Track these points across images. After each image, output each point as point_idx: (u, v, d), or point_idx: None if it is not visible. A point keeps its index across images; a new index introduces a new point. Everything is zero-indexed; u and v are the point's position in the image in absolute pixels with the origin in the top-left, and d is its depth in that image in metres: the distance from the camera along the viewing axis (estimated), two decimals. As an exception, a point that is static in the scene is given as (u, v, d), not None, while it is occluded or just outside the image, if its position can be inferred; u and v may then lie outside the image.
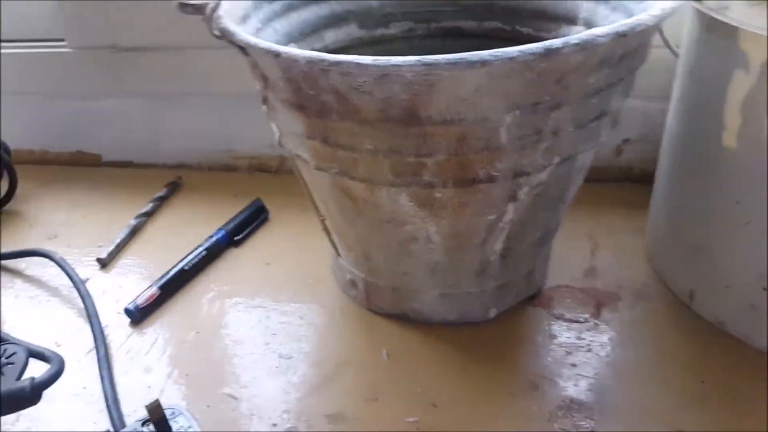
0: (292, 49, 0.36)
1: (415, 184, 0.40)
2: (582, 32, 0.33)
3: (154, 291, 0.53)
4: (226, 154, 0.75)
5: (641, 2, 0.43)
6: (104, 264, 0.59)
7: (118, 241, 0.61)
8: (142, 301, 0.52)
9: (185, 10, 0.42)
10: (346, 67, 0.34)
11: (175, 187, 0.70)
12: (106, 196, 0.71)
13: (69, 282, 0.56)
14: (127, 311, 0.52)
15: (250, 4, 0.48)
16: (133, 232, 0.63)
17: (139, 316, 0.52)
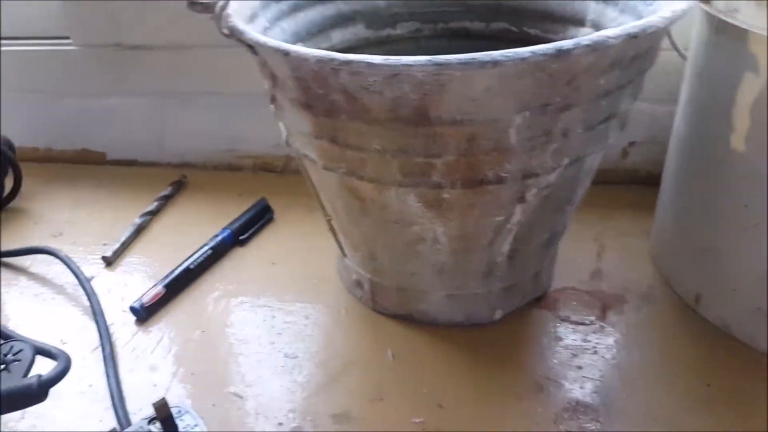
0: (302, 48, 0.36)
1: (424, 184, 0.39)
2: (591, 34, 0.33)
3: (160, 289, 0.53)
4: (230, 154, 0.75)
5: (650, 5, 0.43)
6: (109, 262, 0.59)
7: (124, 239, 0.61)
8: (148, 300, 0.52)
9: (195, 8, 0.42)
10: (357, 67, 0.34)
11: (179, 186, 0.70)
12: (111, 195, 0.71)
13: (74, 280, 0.56)
14: (133, 309, 0.52)
15: (258, 4, 0.48)
16: (138, 231, 0.63)
17: (145, 314, 0.52)
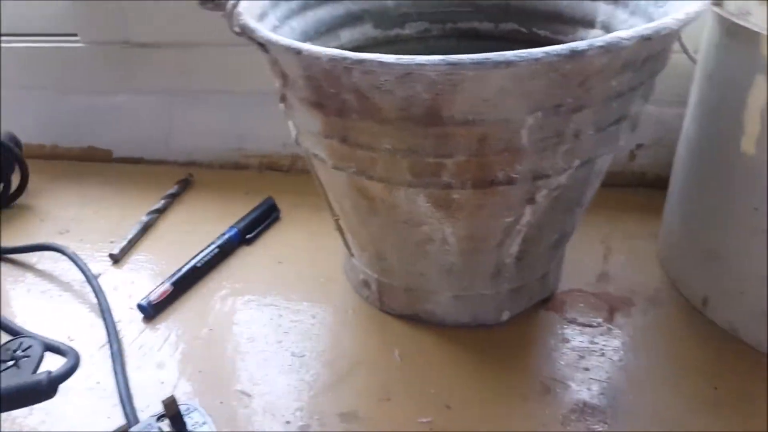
0: (314, 46, 0.36)
1: (434, 185, 0.39)
2: (601, 35, 0.33)
3: (167, 287, 0.53)
4: (237, 153, 0.75)
5: (661, 6, 0.43)
6: (116, 260, 0.59)
7: (130, 237, 0.61)
8: (155, 297, 0.52)
9: (206, 6, 0.42)
10: (369, 66, 0.34)
11: (186, 184, 0.70)
12: (117, 192, 0.71)
13: (80, 277, 0.56)
14: (140, 307, 0.52)
15: (267, 3, 0.48)
16: (145, 229, 0.63)
17: (152, 311, 0.52)
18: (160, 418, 0.39)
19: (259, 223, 0.62)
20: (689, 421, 0.42)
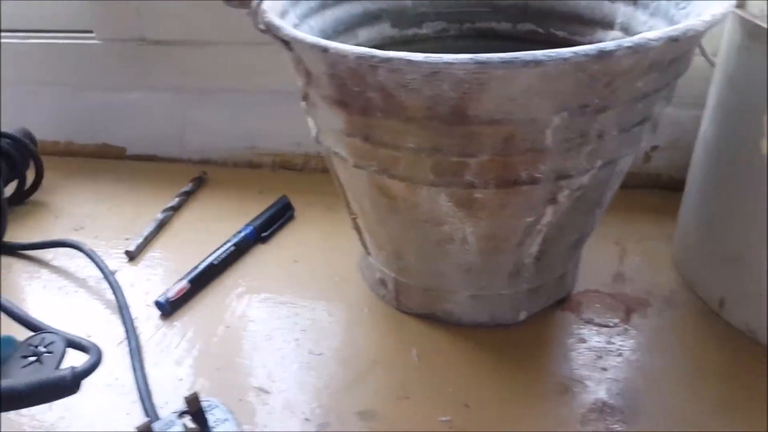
0: (341, 44, 0.36)
1: (456, 184, 0.39)
2: (620, 37, 0.33)
3: (185, 284, 0.53)
4: (250, 151, 0.75)
5: (683, 8, 0.43)
6: (132, 257, 0.59)
7: (146, 234, 0.61)
8: (173, 294, 0.52)
9: (231, 3, 0.42)
10: (397, 64, 0.34)
11: (200, 182, 0.71)
12: (131, 189, 0.71)
13: (96, 273, 0.56)
14: (158, 304, 0.52)
15: (288, 2, 0.48)
16: (160, 226, 0.63)
17: (170, 309, 0.52)
18: (182, 414, 0.39)
19: (274, 221, 0.62)
20: (706, 422, 0.42)
